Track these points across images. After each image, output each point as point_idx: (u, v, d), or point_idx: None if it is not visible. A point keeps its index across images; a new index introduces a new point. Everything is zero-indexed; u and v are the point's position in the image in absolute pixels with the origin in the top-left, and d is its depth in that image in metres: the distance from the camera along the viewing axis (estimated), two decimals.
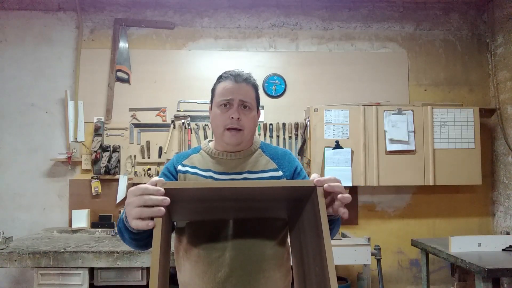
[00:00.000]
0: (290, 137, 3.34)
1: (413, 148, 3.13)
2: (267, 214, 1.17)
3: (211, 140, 1.32)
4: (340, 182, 0.93)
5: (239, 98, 1.18)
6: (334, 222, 1.11)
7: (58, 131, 3.31)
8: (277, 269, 1.19)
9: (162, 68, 3.36)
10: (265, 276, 1.15)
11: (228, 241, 1.14)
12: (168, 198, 0.83)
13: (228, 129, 1.18)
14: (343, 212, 0.92)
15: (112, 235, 3.03)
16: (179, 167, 1.24)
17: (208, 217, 1.16)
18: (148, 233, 0.95)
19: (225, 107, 1.19)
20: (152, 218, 0.82)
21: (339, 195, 0.90)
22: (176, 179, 1.23)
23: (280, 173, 1.24)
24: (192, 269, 1.17)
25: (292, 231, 1.15)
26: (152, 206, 0.83)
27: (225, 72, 1.25)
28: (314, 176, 0.94)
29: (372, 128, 3.12)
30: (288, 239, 1.23)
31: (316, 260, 0.92)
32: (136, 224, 0.83)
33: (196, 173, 1.22)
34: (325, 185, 0.90)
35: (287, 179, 1.23)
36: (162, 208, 0.82)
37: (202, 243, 1.15)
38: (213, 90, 1.27)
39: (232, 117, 1.16)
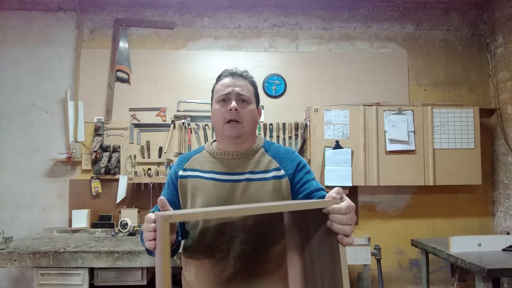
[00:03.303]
0: (290, 137, 3.34)
1: (413, 148, 3.13)
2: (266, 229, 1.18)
3: (215, 140, 1.33)
4: (350, 212, 0.90)
5: (236, 91, 1.22)
6: None
7: (58, 131, 3.31)
8: (280, 270, 1.19)
9: (162, 68, 3.36)
10: (268, 277, 1.16)
11: (232, 242, 1.15)
12: (153, 224, 0.96)
13: (227, 122, 1.20)
14: (341, 238, 0.90)
15: (112, 235, 3.03)
16: (180, 172, 1.26)
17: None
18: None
19: (223, 101, 1.23)
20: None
21: (336, 226, 0.89)
22: (177, 188, 1.26)
23: (282, 172, 1.23)
24: (197, 270, 1.18)
25: (292, 234, 1.13)
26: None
27: (223, 71, 1.29)
28: (332, 197, 0.92)
29: (372, 128, 3.12)
30: None
31: (325, 276, 0.91)
32: (146, 244, 0.99)
33: (198, 176, 1.23)
34: (324, 210, 0.91)
35: (288, 178, 1.23)
36: (152, 233, 0.95)
37: (206, 245, 1.16)
38: (212, 90, 1.30)
39: (230, 109, 1.19)
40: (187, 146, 3.27)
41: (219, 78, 1.28)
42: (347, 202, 0.90)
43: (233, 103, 1.19)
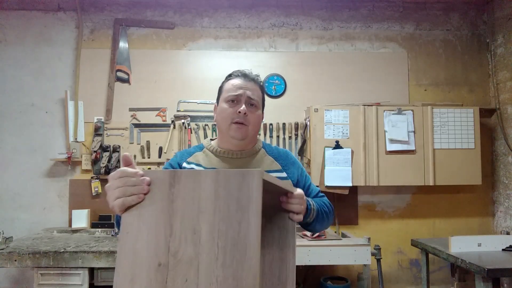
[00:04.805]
0: (290, 137, 3.34)
1: (413, 148, 3.13)
2: None
3: (213, 139, 1.33)
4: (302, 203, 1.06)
5: (247, 94, 1.22)
6: (313, 221, 1.18)
7: (58, 131, 3.31)
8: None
9: (162, 68, 3.36)
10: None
11: None
12: (147, 178, 0.79)
13: (234, 123, 1.20)
14: (292, 216, 1.03)
15: (112, 235, 3.03)
16: (184, 164, 1.25)
17: None
18: None
19: (232, 102, 1.22)
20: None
21: (294, 206, 1.03)
22: None
23: (284, 174, 1.27)
24: None
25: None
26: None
27: (234, 71, 1.29)
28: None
29: (372, 128, 3.12)
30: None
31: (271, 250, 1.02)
32: (119, 203, 0.78)
33: None
34: (295, 192, 1.04)
35: (293, 182, 1.27)
36: (146, 187, 0.79)
37: None
38: (220, 88, 1.29)
39: (239, 112, 1.19)
40: (187, 146, 3.27)
41: (229, 77, 1.27)
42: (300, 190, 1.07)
43: (243, 107, 1.19)
